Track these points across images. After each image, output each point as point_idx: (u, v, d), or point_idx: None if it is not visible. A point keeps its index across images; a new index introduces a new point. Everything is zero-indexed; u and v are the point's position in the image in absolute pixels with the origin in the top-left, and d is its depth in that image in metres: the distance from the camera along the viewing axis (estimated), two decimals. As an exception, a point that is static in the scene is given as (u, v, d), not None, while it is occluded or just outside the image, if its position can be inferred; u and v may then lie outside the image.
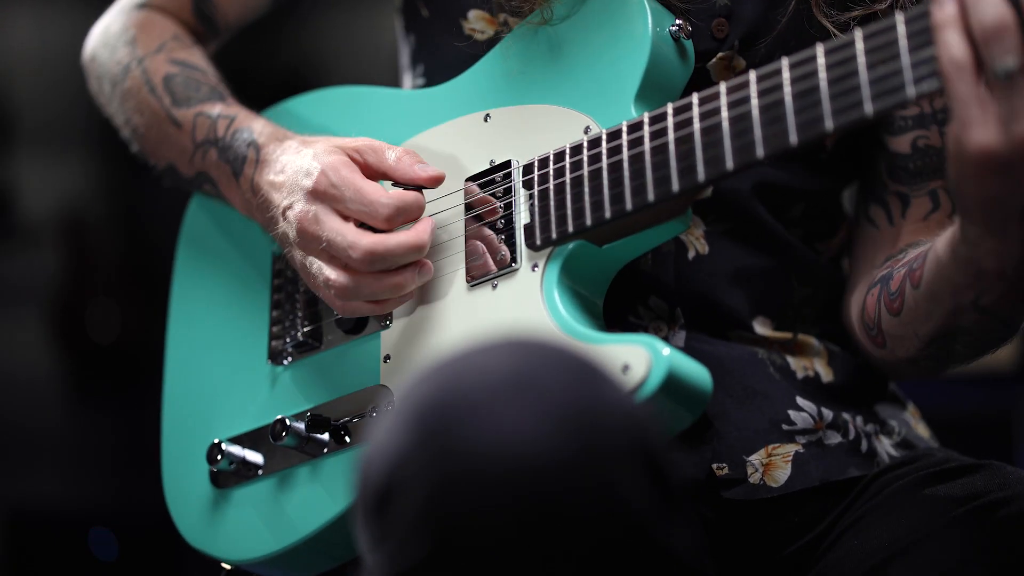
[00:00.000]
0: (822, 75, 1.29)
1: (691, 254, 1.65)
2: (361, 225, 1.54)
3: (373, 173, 1.57)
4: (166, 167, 1.83)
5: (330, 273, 1.53)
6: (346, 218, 1.53)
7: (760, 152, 1.33)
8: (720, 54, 1.62)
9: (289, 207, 1.57)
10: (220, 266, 1.83)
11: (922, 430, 1.78)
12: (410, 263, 1.53)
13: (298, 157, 1.59)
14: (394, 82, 1.92)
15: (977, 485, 1.52)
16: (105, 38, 1.90)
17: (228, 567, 1.68)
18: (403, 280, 1.53)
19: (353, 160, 1.56)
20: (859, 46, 1.27)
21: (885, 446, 1.69)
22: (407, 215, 1.53)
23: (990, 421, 3.56)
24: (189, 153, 1.77)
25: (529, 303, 1.48)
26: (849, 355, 1.73)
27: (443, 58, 1.77)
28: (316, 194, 1.54)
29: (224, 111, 1.74)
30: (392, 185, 1.57)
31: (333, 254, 1.53)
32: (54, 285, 4.20)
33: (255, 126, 1.70)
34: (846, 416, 1.66)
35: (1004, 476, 1.53)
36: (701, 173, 1.37)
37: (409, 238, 1.51)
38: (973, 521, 1.47)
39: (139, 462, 4.06)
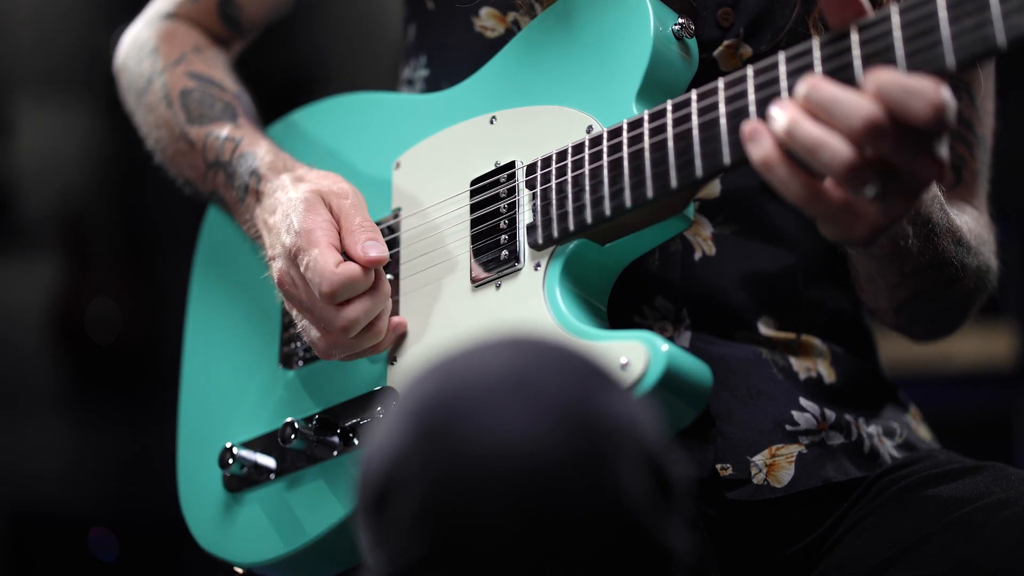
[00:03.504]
0: (818, 68, 1.29)
1: (698, 255, 1.65)
2: None
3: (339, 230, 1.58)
4: (185, 182, 1.85)
5: (314, 335, 1.56)
6: None
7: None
8: (726, 42, 1.62)
9: (272, 259, 1.59)
10: (235, 273, 1.84)
11: (923, 432, 1.78)
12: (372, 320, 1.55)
13: (287, 201, 1.59)
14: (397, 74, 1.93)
15: (979, 486, 1.52)
16: (132, 48, 1.93)
17: (240, 571, 1.68)
18: (380, 334, 1.56)
19: (331, 214, 1.56)
20: (853, 38, 1.27)
21: (887, 447, 1.69)
22: (352, 292, 1.52)
23: (990, 421, 3.57)
24: (202, 172, 1.79)
25: (531, 302, 1.48)
26: (852, 357, 1.74)
27: (448, 52, 1.77)
28: (291, 253, 1.55)
29: (232, 133, 1.75)
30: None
31: (315, 320, 1.55)
32: (54, 285, 4.20)
33: (258, 152, 1.71)
34: (848, 417, 1.67)
35: (1006, 477, 1.53)
36: (699, 168, 1.37)
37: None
38: (975, 522, 1.47)
39: (140, 462, 4.06)
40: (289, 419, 1.61)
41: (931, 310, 1.68)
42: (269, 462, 1.67)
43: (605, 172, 1.45)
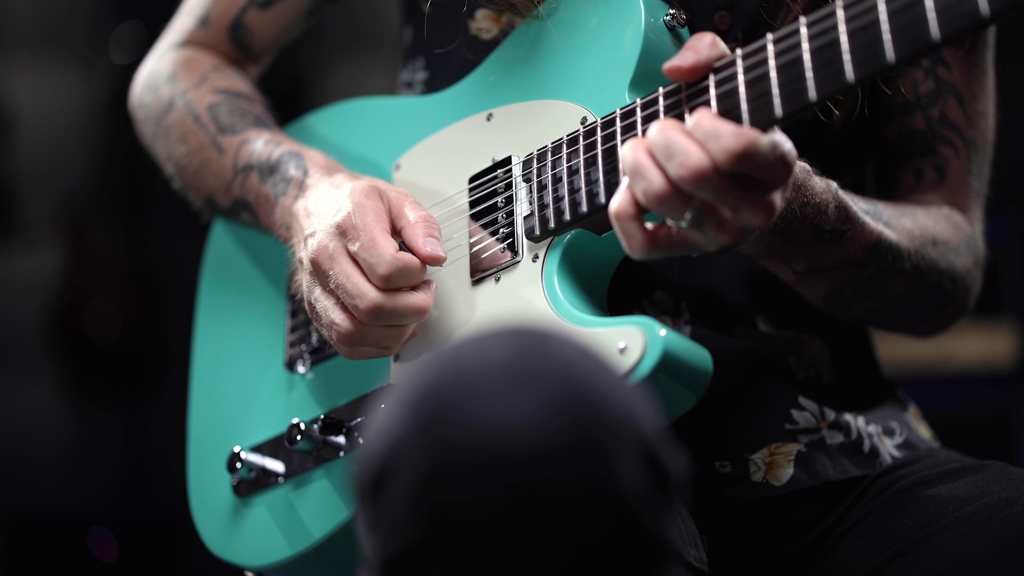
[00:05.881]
0: (805, 45, 1.29)
1: (697, 249, 1.65)
2: None
3: (393, 223, 1.55)
4: (205, 200, 1.84)
5: (335, 316, 1.51)
6: (356, 262, 1.52)
7: (746, 127, 1.33)
8: None
9: (311, 235, 1.55)
10: (243, 280, 1.85)
11: (923, 431, 1.78)
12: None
13: (338, 192, 1.57)
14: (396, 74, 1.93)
15: (979, 485, 1.52)
16: (148, 81, 1.92)
17: (250, 575, 1.69)
18: (404, 331, 1.52)
19: (387, 206, 1.54)
20: (840, 14, 1.27)
21: (887, 447, 1.69)
22: (406, 280, 1.49)
23: (990, 421, 3.57)
24: (228, 180, 1.77)
25: (530, 293, 1.48)
26: (851, 355, 1.74)
27: (445, 54, 1.77)
28: (339, 229, 1.52)
29: (271, 137, 1.75)
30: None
31: (340, 297, 1.51)
32: (54, 285, 4.20)
33: (308, 153, 1.70)
34: (848, 416, 1.67)
35: (1006, 476, 1.53)
36: None
37: (416, 301, 1.49)
38: (975, 521, 1.47)
39: (139, 462, 4.07)
40: (295, 420, 1.62)
41: (864, 306, 1.68)
42: (277, 465, 1.67)
43: (600, 160, 1.46)
